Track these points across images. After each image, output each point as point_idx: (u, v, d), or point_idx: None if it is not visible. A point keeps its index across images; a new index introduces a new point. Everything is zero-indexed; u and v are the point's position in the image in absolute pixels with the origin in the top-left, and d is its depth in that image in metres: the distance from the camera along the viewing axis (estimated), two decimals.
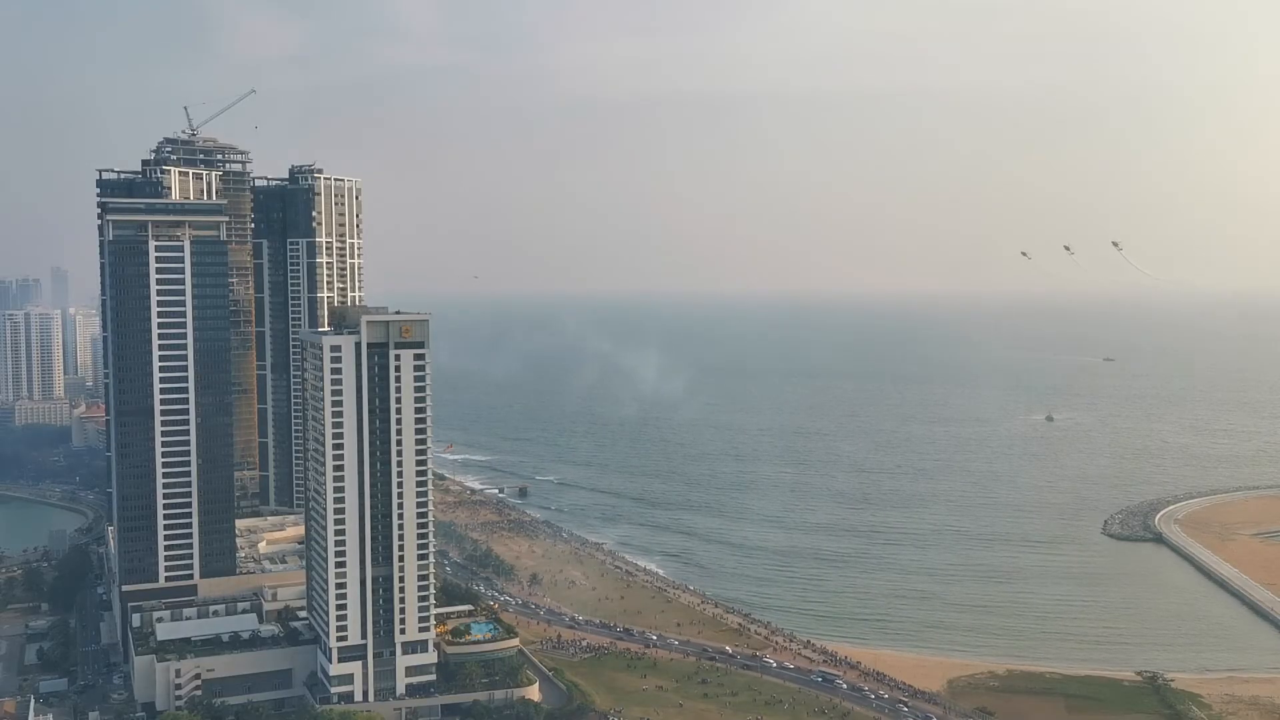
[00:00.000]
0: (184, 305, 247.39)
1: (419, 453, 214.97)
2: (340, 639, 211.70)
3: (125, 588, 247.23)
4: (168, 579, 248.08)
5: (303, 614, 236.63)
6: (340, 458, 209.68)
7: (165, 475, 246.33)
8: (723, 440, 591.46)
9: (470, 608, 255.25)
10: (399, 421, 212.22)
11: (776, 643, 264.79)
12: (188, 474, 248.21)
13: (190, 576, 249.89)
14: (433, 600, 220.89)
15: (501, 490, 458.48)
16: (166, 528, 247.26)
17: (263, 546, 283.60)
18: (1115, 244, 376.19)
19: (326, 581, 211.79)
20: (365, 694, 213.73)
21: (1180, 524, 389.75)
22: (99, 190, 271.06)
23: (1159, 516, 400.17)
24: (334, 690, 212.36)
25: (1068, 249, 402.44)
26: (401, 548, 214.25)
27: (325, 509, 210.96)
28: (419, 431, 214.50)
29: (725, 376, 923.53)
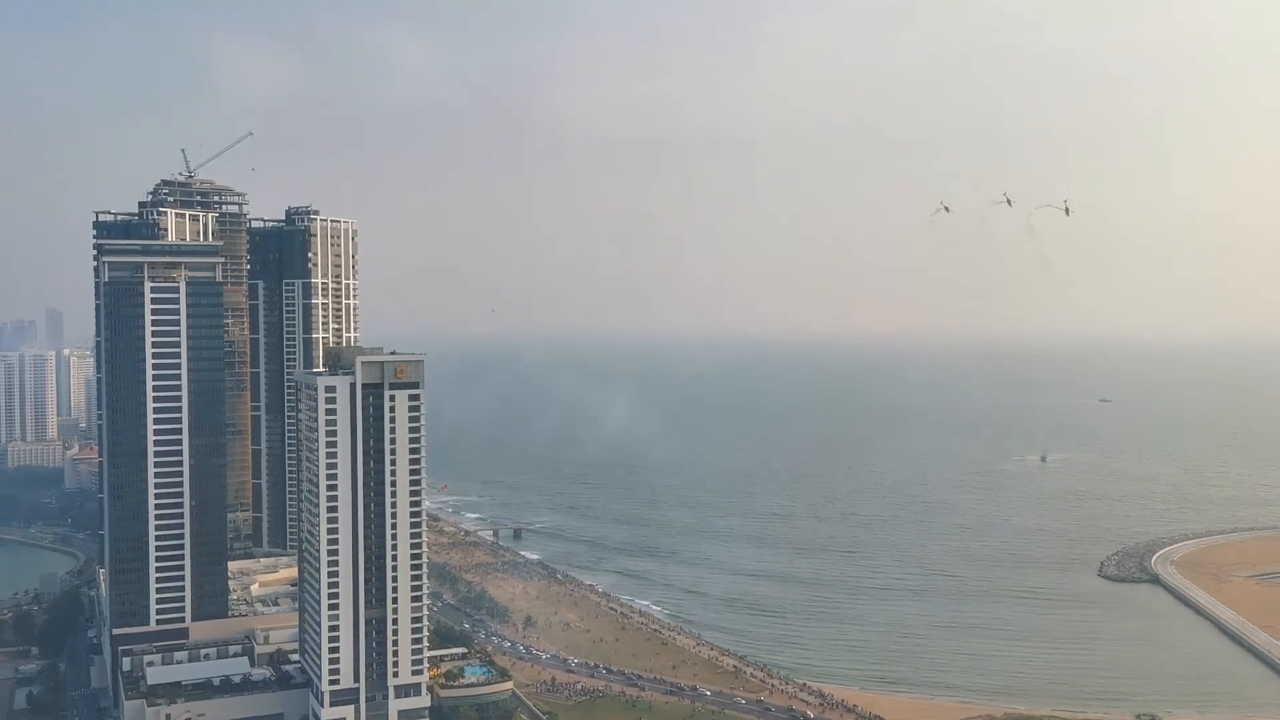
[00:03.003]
0: (179, 346, 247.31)
1: (413, 494, 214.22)
2: (333, 682, 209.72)
3: (116, 631, 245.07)
4: (159, 622, 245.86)
5: (295, 657, 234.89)
6: (334, 499, 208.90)
7: (158, 517, 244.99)
8: (716, 484, 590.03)
9: (464, 650, 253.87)
10: (393, 462, 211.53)
11: (773, 685, 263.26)
12: (180, 516, 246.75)
13: (182, 619, 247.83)
14: (426, 643, 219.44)
15: (495, 534, 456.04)
16: (158, 570, 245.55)
17: (255, 589, 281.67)
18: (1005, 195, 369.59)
19: (319, 624, 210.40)
20: None
21: (1176, 565, 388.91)
22: (96, 231, 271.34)
23: (1155, 558, 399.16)
24: None
25: (943, 206, 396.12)
26: (395, 589, 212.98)
27: (319, 550, 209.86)
28: (413, 472, 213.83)
29: (719, 418, 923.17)
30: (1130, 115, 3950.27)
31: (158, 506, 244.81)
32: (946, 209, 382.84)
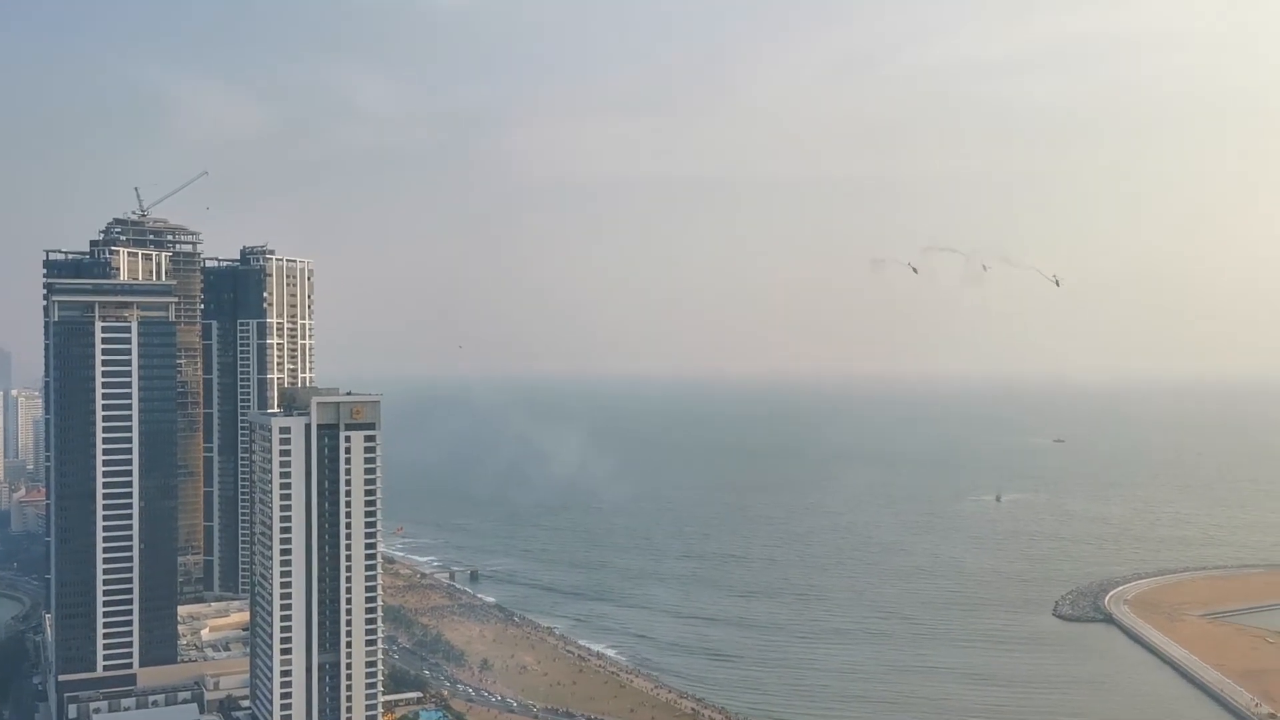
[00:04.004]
0: (130, 387, 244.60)
1: (368, 536, 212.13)
2: None
3: (62, 677, 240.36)
4: (106, 668, 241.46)
5: (246, 704, 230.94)
6: (288, 541, 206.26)
7: (106, 560, 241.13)
8: (670, 526, 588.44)
9: (419, 695, 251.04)
10: (348, 504, 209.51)
11: None
12: (129, 559, 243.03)
13: (129, 665, 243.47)
14: (380, 687, 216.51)
15: (452, 576, 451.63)
16: (106, 615, 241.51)
17: (206, 633, 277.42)
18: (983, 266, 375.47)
19: (271, 669, 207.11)
20: None
21: (1130, 605, 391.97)
22: (46, 270, 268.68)
23: (1109, 597, 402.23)
24: None
25: (911, 266, 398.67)
26: (349, 633, 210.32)
27: (271, 594, 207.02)
28: (369, 514, 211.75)
29: (673, 459, 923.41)
30: (1093, 162, 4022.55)
31: (106, 550, 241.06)
32: (914, 269, 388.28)
